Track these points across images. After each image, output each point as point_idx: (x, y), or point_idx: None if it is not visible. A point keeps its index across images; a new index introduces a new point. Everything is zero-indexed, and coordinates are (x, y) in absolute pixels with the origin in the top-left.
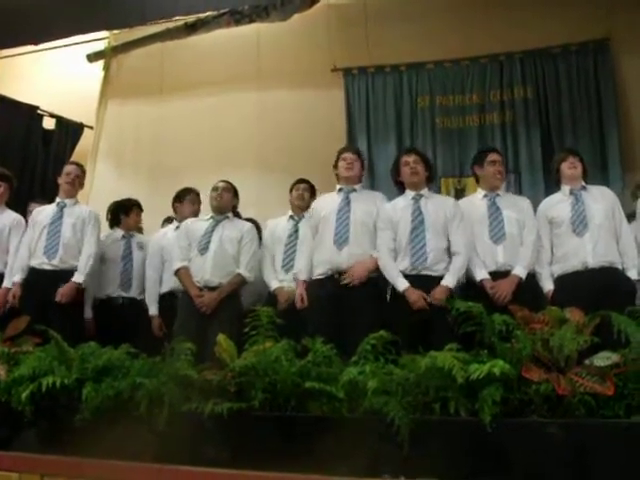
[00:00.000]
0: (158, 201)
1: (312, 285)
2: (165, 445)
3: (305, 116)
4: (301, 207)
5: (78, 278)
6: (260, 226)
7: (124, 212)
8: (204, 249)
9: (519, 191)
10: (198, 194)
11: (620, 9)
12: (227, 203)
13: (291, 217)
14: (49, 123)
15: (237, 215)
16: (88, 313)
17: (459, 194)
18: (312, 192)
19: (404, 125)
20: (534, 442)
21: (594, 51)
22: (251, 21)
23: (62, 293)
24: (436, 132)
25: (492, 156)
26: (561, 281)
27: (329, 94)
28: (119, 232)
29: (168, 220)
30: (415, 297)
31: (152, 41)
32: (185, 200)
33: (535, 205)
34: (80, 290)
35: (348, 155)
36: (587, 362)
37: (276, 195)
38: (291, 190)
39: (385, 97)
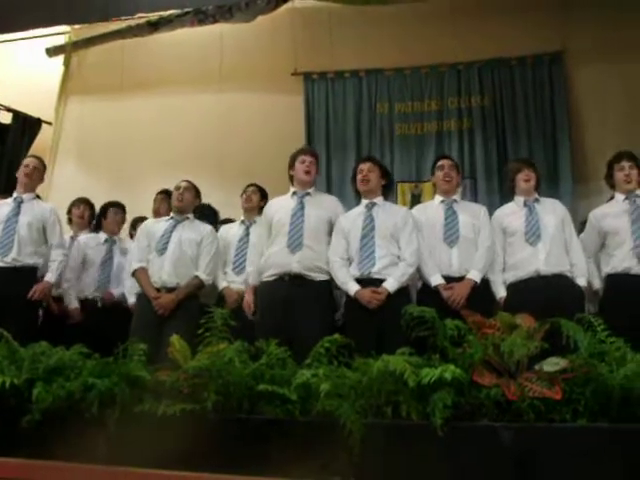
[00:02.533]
0: (117, 199)
1: (262, 287)
2: (117, 446)
3: (265, 119)
4: (249, 210)
5: (50, 278)
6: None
7: (103, 215)
8: (162, 250)
9: (475, 196)
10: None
11: (574, 24)
12: (188, 203)
13: (242, 221)
14: (5, 117)
15: (209, 214)
16: (74, 303)
17: (416, 200)
18: (262, 195)
19: (363, 130)
20: (484, 446)
21: (549, 63)
22: (215, 21)
23: (36, 290)
24: (394, 138)
25: (440, 162)
26: (513, 288)
27: (290, 98)
28: (102, 236)
29: (140, 220)
30: (367, 296)
31: (114, 38)
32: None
33: (491, 210)
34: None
35: (306, 157)
36: (537, 367)
37: (234, 198)
38: (242, 194)
39: (344, 102)
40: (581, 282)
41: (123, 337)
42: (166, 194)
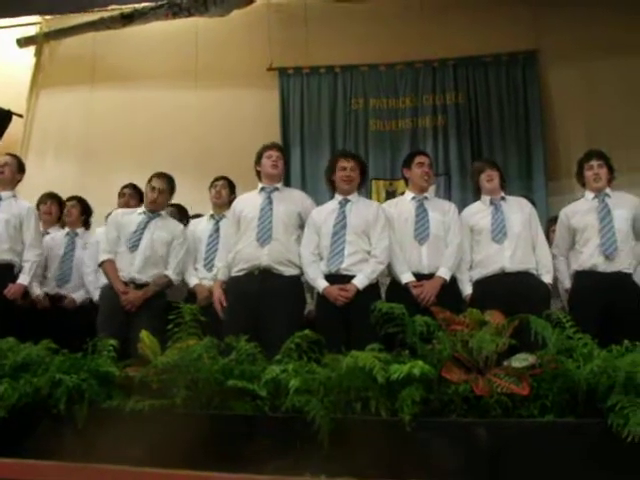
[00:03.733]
0: (90, 193)
1: (232, 282)
2: (85, 443)
3: (240, 114)
4: (219, 205)
5: (23, 280)
6: None
7: (62, 209)
8: (134, 246)
9: (449, 193)
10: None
11: (547, 24)
12: (162, 204)
13: (211, 216)
14: None
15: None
16: (36, 291)
17: (390, 196)
18: (231, 189)
19: (337, 126)
20: (453, 441)
21: (523, 61)
22: (189, 15)
23: (10, 291)
24: (369, 134)
25: (419, 158)
26: (479, 285)
27: (265, 93)
28: (66, 229)
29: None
30: (334, 294)
31: (86, 29)
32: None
33: (463, 208)
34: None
35: (273, 152)
36: (505, 363)
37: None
38: (210, 188)
39: (320, 98)
40: (546, 279)
41: (86, 333)
42: (134, 188)
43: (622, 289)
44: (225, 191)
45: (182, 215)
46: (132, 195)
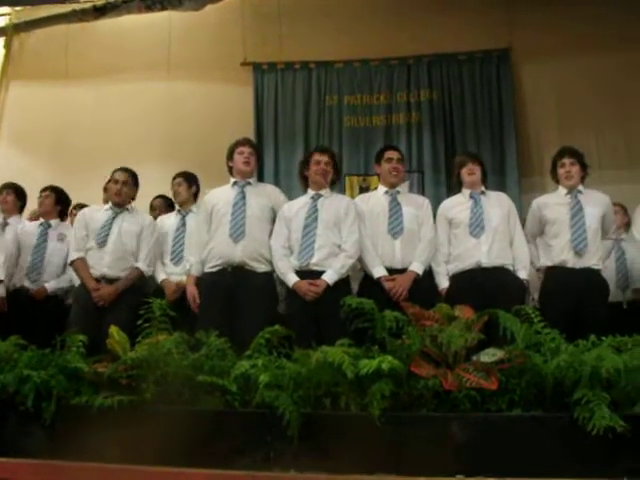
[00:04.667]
0: (62, 187)
1: (205, 278)
2: (54, 440)
3: (214, 109)
4: (179, 202)
5: None
6: None
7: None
8: (103, 242)
9: (422, 190)
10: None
11: (520, 22)
12: (127, 197)
13: (178, 211)
14: None
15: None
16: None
17: (364, 192)
18: (189, 183)
19: (311, 122)
20: (422, 435)
21: (497, 59)
22: (163, 8)
23: None
24: (343, 130)
25: (388, 153)
26: (455, 279)
27: (239, 88)
28: (40, 220)
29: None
30: (304, 288)
31: (57, 21)
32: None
33: (437, 204)
34: None
35: (245, 149)
36: (474, 358)
37: None
38: (171, 187)
39: (294, 94)
40: (522, 275)
41: (56, 328)
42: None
43: (591, 285)
44: (182, 188)
45: (170, 206)
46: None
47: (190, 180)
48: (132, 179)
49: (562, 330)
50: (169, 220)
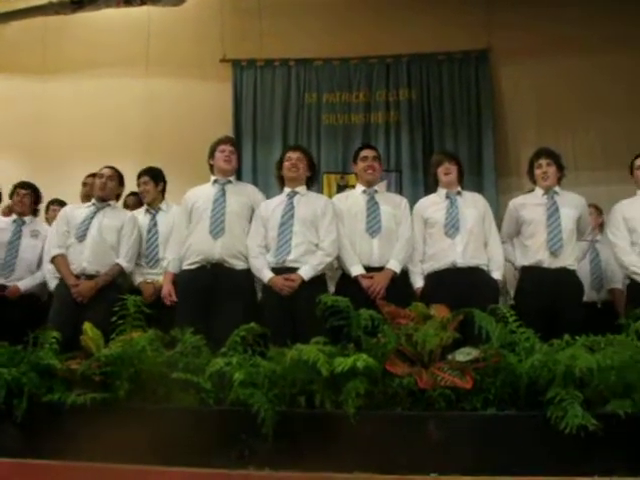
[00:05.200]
0: (38, 182)
1: (183, 275)
2: (25, 438)
3: (192, 105)
4: (148, 202)
5: None
6: None
7: (12, 196)
8: (82, 236)
9: (400, 189)
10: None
11: (499, 23)
12: (111, 192)
13: (147, 210)
14: None
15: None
16: None
17: (341, 190)
18: (156, 182)
19: (290, 120)
20: (397, 434)
21: (476, 60)
22: (142, 3)
23: None
24: (321, 128)
25: (363, 152)
26: (430, 279)
27: (218, 85)
28: (13, 216)
29: (57, 203)
30: (279, 283)
31: (34, 14)
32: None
33: (414, 203)
34: None
35: (226, 147)
36: (449, 357)
37: None
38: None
39: (273, 91)
40: (496, 276)
41: (32, 326)
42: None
43: (566, 285)
44: (149, 186)
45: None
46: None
47: (156, 177)
48: (118, 177)
49: (537, 329)
50: (139, 221)
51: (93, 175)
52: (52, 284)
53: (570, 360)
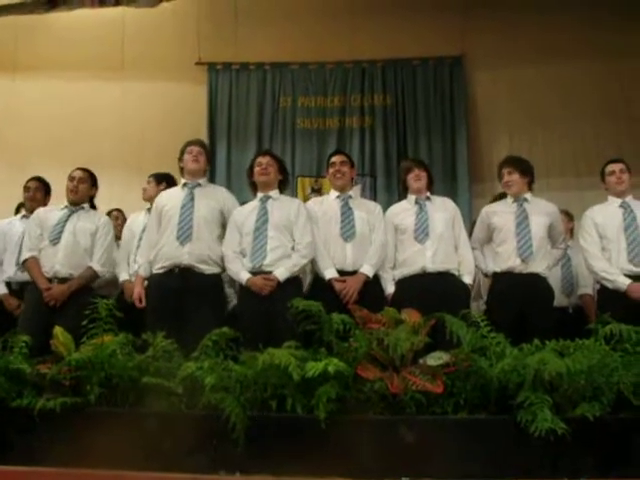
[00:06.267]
0: (5, 184)
1: (153, 279)
2: None
3: (167, 108)
4: (147, 200)
5: None
6: None
7: None
8: (56, 239)
9: (374, 194)
10: None
11: (473, 30)
12: (84, 195)
13: (148, 210)
14: None
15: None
16: None
17: (315, 193)
18: (159, 182)
19: (265, 123)
20: (369, 438)
21: (450, 66)
22: (117, 3)
23: None
24: (296, 132)
25: (333, 158)
26: (401, 284)
27: (193, 87)
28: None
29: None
30: (260, 283)
31: (5, 12)
32: None
33: (388, 208)
34: None
35: (194, 148)
36: (421, 361)
37: (134, 186)
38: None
39: (248, 94)
40: (467, 280)
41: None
42: (39, 181)
43: (537, 290)
44: (149, 186)
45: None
46: (38, 188)
47: (165, 180)
48: (90, 178)
49: (509, 334)
50: (138, 219)
51: (37, 179)
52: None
53: (540, 364)
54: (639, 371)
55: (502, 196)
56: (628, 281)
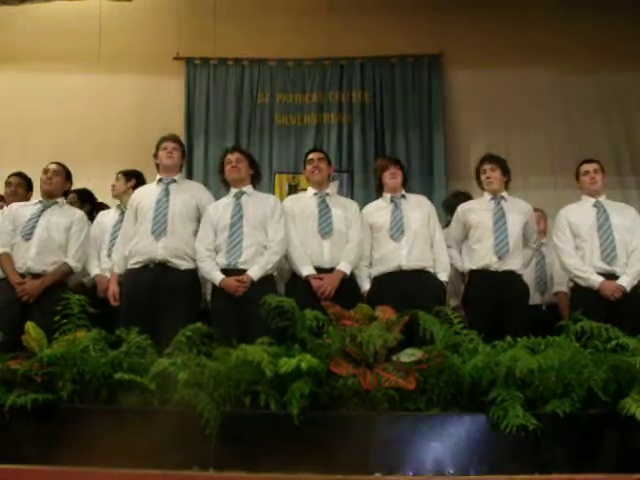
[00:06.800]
0: None
1: (128, 275)
2: None
3: (145, 102)
4: (118, 196)
5: None
6: None
7: None
8: (28, 234)
9: (351, 190)
10: None
11: (452, 29)
12: (58, 187)
13: (118, 206)
14: None
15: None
16: None
17: (293, 190)
18: (128, 178)
19: (243, 119)
20: (342, 434)
21: (428, 64)
22: None
23: None
24: (274, 128)
25: (310, 155)
26: (376, 281)
27: (171, 82)
28: None
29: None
30: (233, 285)
31: None
32: None
33: (365, 204)
34: None
35: (169, 144)
36: (394, 358)
37: (111, 181)
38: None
39: (226, 90)
40: (442, 277)
41: None
42: (21, 176)
43: (512, 287)
44: (119, 182)
45: (86, 199)
46: (20, 184)
47: (135, 176)
48: (64, 172)
49: (485, 331)
50: (109, 215)
51: (19, 174)
52: None
53: (512, 361)
54: (609, 368)
55: None
56: (601, 279)
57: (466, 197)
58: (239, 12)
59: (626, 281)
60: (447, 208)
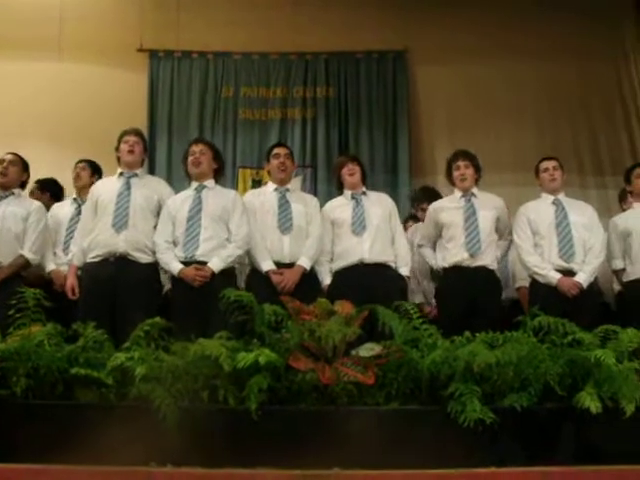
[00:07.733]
0: None
1: (87, 268)
2: None
3: (107, 94)
4: (79, 187)
5: None
6: None
7: None
8: None
9: (314, 185)
10: None
11: (417, 25)
12: (14, 178)
13: (74, 199)
14: None
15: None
16: None
17: (257, 185)
18: (93, 171)
19: (206, 113)
20: (300, 429)
21: (393, 60)
22: None
23: None
24: (238, 122)
25: (276, 150)
26: (338, 275)
27: (134, 75)
28: None
29: None
30: (191, 274)
31: None
32: None
33: (328, 200)
34: None
35: (130, 138)
36: (353, 353)
37: (70, 172)
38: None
39: (190, 83)
40: (404, 272)
41: None
42: None
43: (485, 283)
44: (85, 173)
45: (46, 188)
46: None
47: (94, 168)
48: (21, 163)
49: (459, 327)
50: (64, 208)
51: None
52: None
53: (470, 356)
54: (565, 362)
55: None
56: (558, 275)
57: (433, 192)
58: (204, 4)
59: (583, 278)
60: (413, 202)
